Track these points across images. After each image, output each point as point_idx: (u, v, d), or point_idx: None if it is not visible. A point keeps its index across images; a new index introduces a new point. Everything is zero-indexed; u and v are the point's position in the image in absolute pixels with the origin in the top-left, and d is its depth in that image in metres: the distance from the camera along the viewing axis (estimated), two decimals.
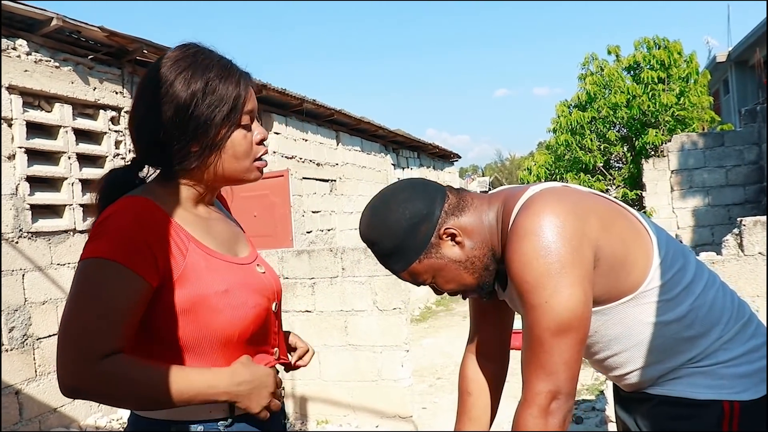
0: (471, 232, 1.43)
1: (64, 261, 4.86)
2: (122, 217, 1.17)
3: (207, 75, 1.24)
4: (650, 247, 1.40)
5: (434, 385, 6.65)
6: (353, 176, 10.28)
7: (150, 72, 1.27)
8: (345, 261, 4.85)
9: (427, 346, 8.75)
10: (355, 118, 9.82)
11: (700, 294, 1.41)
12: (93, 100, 5.19)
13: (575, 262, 1.27)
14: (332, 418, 4.89)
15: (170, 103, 1.21)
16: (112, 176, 1.30)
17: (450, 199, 1.44)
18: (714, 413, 1.38)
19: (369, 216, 1.46)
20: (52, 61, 4.85)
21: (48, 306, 4.70)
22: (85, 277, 1.15)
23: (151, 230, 1.18)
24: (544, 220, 1.29)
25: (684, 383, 1.41)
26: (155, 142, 1.24)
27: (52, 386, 4.66)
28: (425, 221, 1.40)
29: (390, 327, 4.76)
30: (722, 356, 1.40)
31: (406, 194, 1.43)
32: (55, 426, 4.68)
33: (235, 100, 1.25)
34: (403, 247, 1.41)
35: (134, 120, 1.28)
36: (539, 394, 1.28)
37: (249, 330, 1.28)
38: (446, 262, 1.43)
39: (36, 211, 4.71)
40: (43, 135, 4.86)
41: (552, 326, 1.26)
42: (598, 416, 4.99)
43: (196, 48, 1.29)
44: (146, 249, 1.16)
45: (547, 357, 1.28)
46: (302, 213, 8.52)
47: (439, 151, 14.70)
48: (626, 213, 1.44)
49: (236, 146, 1.27)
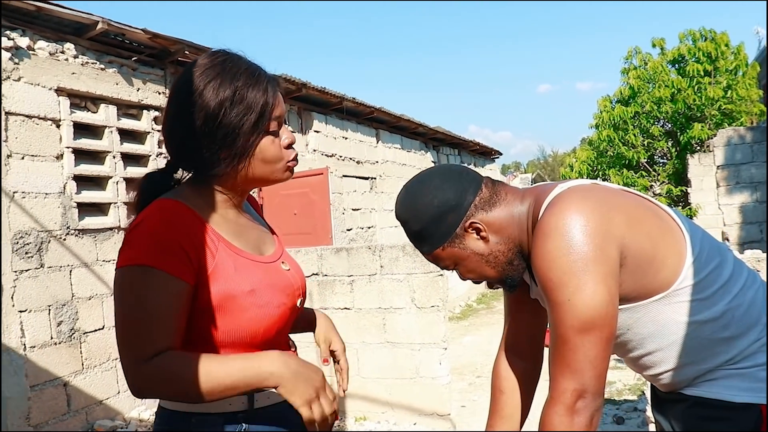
0: (498, 228, 1.44)
1: (109, 258, 5.00)
2: (153, 221, 1.21)
3: (235, 83, 1.26)
4: (683, 244, 1.38)
5: (474, 383, 6.63)
6: (393, 174, 10.30)
7: (180, 80, 1.30)
8: (383, 259, 4.87)
9: (468, 344, 8.72)
10: (394, 115, 9.84)
11: (737, 293, 1.38)
12: (137, 101, 5.31)
13: (599, 260, 1.27)
14: (370, 414, 4.92)
15: (200, 111, 1.24)
16: (149, 179, 1.35)
17: (483, 192, 1.45)
18: (751, 417, 1.35)
19: (403, 195, 1.49)
20: (98, 64, 4.98)
21: (94, 301, 4.83)
22: (125, 286, 1.20)
23: (182, 231, 1.22)
24: (568, 218, 1.29)
25: (720, 385, 1.38)
26: (185, 149, 1.28)
27: (98, 379, 4.80)
28: (453, 211, 1.42)
29: (428, 325, 4.77)
30: (761, 359, 1.37)
31: (440, 181, 1.45)
32: (101, 417, 4.82)
33: (263, 108, 1.28)
34: (429, 232, 1.44)
35: (166, 126, 1.31)
36: (565, 392, 1.28)
37: (274, 328, 1.32)
38: (469, 253, 1.45)
39: (82, 209, 4.85)
40: (89, 135, 4.99)
41: (576, 324, 1.26)
42: (639, 417, 4.91)
43: (225, 55, 1.31)
44: (179, 250, 1.20)
45: (572, 355, 1.27)
46: (342, 211, 8.58)
47: (479, 147, 14.63)
48: (657, 210, 1.42)
49: (265, 152, 1.30)
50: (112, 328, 4.97)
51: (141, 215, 1.24)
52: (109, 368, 4.90)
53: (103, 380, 4.85)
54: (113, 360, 4.94)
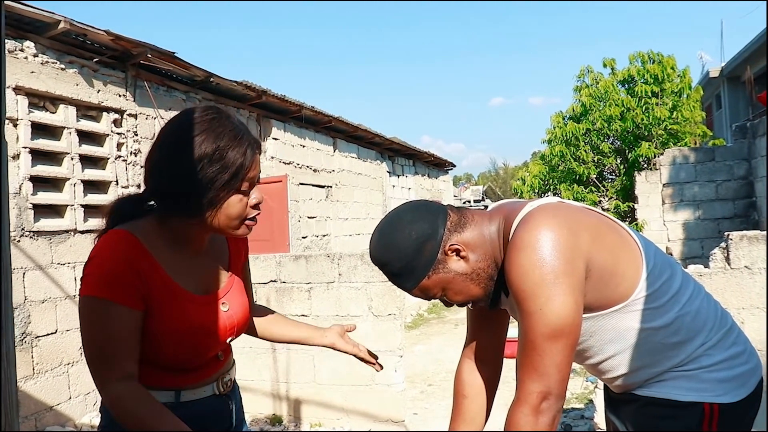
0: (474, 246, 1.53)
1: (64, 260, 4.92)
2: (105, 254, 1.39)
3: (218, 142, 1.38)
4: (639, 259, 1.50)
5: (425, 391, 6.71)
6: (349, 183, 10.36)
7: (171, 126, 1.44)
8: (342, 267, 4.93)
9: (419, 352, 8.81)
10: (352, 125, 9.91)
11: (686, 303, 1.52)
12: (97, 103, 5.26)
13: (568, 273, 1.37)
14: (326, 421, 4.96)
15: (182, 160, 1.37)
16: (119, 206, 1.51)
17: (452, 217, 1.54)
18: (695, 414, 1.50)
19: (378, 239, 1.55)
20: (58, 63, 4.92)
21: (47, 304, 4.76)
22: (87, 315, 1.38)
23: (128, 263, 1.38)
24: (540, 234, 1.39)
25: (669, 386, 1.52)
26: (162, 188, 1.42)
27: (49, 384, 4.72)
28: (430, 239, 1.50)
29: (384, 332, 4.84)
30: (705, 361, 1.51)
31: (411, 216, 1.53)
32: (52, 423, 4.73)
33: (239, 168, 1.40)
34: (412, 265, 1.50)
35: (149, 163, 1.44)
36: (531, 393, 1.37)
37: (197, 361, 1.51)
38: (453, 275, 1.53)
39: (38, 211, 4.77)
40: (47, 135, 4.92)
41: (546, 331, 1.36)
42: (587, 424, 5.07)
43: (216, 113, 1.44)
44: (129, 281, 1.38)
45: (540, 360, 1.37)
46: (298, 218, 8.60)
47: (434, 159, 14.81)
48: (616, 227, 1.55)
49: (230, 208, 1.42)
50: (65, 332, 4.90)
51: (97, 246, 1.42)
52: (60, 373, 4.82)
53: (54, 385, 4.77)
54: (65, 365, 4.86)
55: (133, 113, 5.65)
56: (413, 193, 13.70)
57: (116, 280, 1.36)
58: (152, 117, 5.89)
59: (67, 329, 4.90)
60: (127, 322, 1.38)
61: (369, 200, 11.23)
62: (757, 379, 1.56)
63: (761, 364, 1.62)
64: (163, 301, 1.42)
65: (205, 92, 6.67)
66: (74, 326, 4.96)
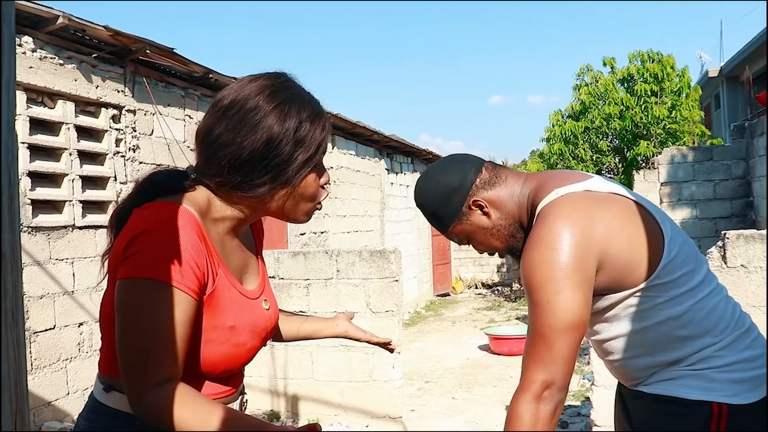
0: (498, 205, 1.64)
1: (62, 256, 4.93)
2: (161, 228, 1.17)
3: (301, 115, 1.26)
4: (660, 247, 1.52)
5: (423, 388, 6.74)
6: (347, 180, 10.36)
7: (241, 93, 1.27)
8: (340, 263, 4.94)
9: (417, 350, 8.83)
10: (350, 122, 9.91)
11: (702, 299, 1.52)
12: (95, 98, 5.25)
13: (577, 269, 1.42)
14: (323, 417, 4.97)
15: (262, 132, 1.23)
16: (153, 181, 1.30)
17: (483, 174, 1.65)
18: (703, 413, 1.49)
19: (417, 185, 1.72)
20: (56, 59, 4.92)
21: (45, 300, 4.76)
22: (130, 299, 1.16)
23: (192, 245, 1.18)
24: (554, 232, 1.45)
25: (677, 384, 1.52)
26: (231, 163, 1.24)
27: (47, 380, 4.72)
28: (457, 193, 1.63)
29: (382, 329, 4.85)
30: (715, 362, 1.50)
31: (445, 168, 1.68)
32: (50, 419, 4.74)
33: (320, 144, 1.29)
34: (440, 214, 1.66)
35: (211, 136, 1.26)
36: (534, 382, 1.40)
37: (234, 366, 1.32)
38: (475, 228, 1.66)
39: (36, 206, 4.77)
40: (45, 131, 4.92)
41: (552, 323, 1.40)
42: (583, 421, 5.09)
43: (291, 82, 1.32)
44: (188, 262, 1.17)
45: (547, 351, 1.40)
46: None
47: (432, 157, 14.81)
48: (643, 212, 1.56)
49: (308, 187, 1.30)
50: (64, 327, 4.90)
51: (144, 220, 1.19)
52: (59, 369, 4.82)
53: (52, 381, 4.77)
54: (63, 361, 4.87)
55: (131, 109, 5.65)
56: (411, 191, 13.70)
57: (174, 259, 1.15)
58: (151, 113, 5.89)
59: (65, 325, 4.90)
60: (183, 312, 1.15)
61: (367, 198, 11.23)
62: None
63: None
64: (220, 291, 1.24)
65: (203, 88, 6.66)
66: (72, 322, 4.97)
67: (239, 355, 1.29)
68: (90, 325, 5.13)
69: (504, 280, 16.82)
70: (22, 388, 0.70)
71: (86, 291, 5.13)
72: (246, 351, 1.31)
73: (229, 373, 1.31)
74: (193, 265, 1.17)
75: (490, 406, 5.75)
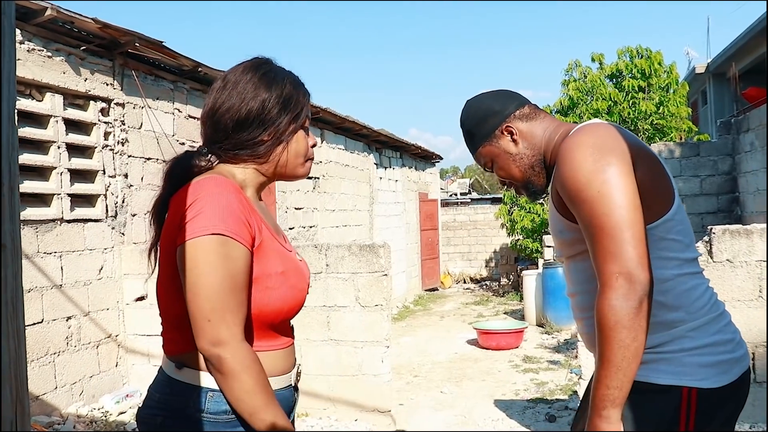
0: (527, 137, 1.76)
1: (50, 250, 4.91)
2: (214, 192, 1.34)
3: (284, 82, 1.51)
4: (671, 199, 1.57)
5: (411, 382, 6.77)
6: (336, 174, 10.37)
7: (231, 74, 1.51)
8: (329, 258, 4.95)
9: (405, 344, 8.87)
10: (339, 116, 9.91)
11: (688, 274, 1.55)
12: (84, 91, 5.23)
13: (621, 160, 1.47)
14: (312, 411, 4.99)
15: (255, 95, 1.47)
16: (180, 162, 1.50)
17: (524, 109, 1.78)
18: (673, 399, 1.50)
19: (465, 105, 1.87)
20: (44, 51, 4.88)
21: (33, 294, 4.74)
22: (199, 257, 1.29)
23: (243, 205, 1.37)
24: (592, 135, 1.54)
25: (648, 368, 1.52)
26: (235, 129, 1.46)
27: (35, 374, 4.71)
28: (495, 116, 1.78)
29: (371, 323, 4.87)
30: (687, 344, 1.52)
31: (491, 94, 1.84)
32: (37, 413, 4.73)
33: (303, 106, 1.54)
34: (474, 131, 1.81)
35: (214, 108, 1.49)
36: (610, 276, 1.39)
37: (294, 309, 1.48)
38: (501, 152, 1.78)
39: (24, 200, 4.75)
40: (34, 124, 4.89)
41: (608, 211, 1.42)
42: (570, 415, 5.13)
43: (272, 61, 1.56)
44: (245, 222, 1.35)
45: (610, 241, 1.40)
46: (285, 209, 8.60)
47: (421, 151, 14.83)
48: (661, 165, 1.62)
49: (298, 143, 1.53)
50: (52, 321, 4.89)
51: (194, 191, 1.35)
52: (47, 363, 4.81)
53: (40, 375, 4.76)
54: (51, 354, 4.85)
55: (120, 102, 5.62)
56: (400, 185, 13.73)
57: (232, 217, 1.32)
58: (140, 106, 5.86)
59: (53, 318, 4.88)
60: (245, 263, 1.33)
61: (356, 192, 11.24)
62: (741, 370, 1.56)
63: (748, 356, 1.62)
64: (266, 243, 1.41)
65: (193, 81, 6.64)
66: (60, 316, 4.95)
67: (294, 296, 1.45)
68: (78, 318, 5.11)
69: (492, 275, 16.90)
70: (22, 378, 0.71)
71: (74, 285, 5.11)
72: (299, 292, 1.47)
73: (288, 318, 1.48)
74: (244, 220, 1.35)
75: (479, 399, 5.78)
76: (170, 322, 1.41)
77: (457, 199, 19.58)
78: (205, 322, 1.27)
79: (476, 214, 17.56)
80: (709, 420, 1.52)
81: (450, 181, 26.60)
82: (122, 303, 5.57)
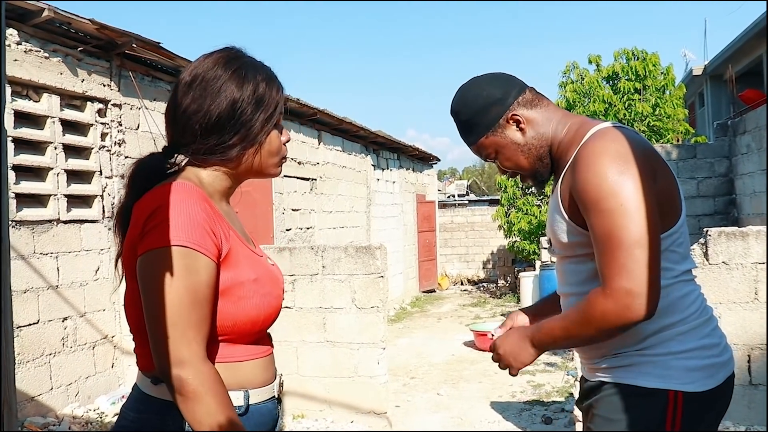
0: (534, 125, 1.66)
1: (46, 250, 4.90)
2: (178, 200, 1.25)
3: (257, 79, 1.39)
4: (678, 210, 1.56)
5: (408, 384, 6.76)
6: (333, 176, 10.36)
7: (198, 67, 1.38)
8: (325, 259, 4.95)
9: (402, 346, 8.86)
10: (337, 118, 9.90)
11: (683, 282, 1.56)
12: (81, 92, 5.22)
13: (645, 173, 1.44)
14: (308, 412, 4.98)
15: (225, 96, 1.34)
16: (141, 165, 1.39)
17: (526, 94, 1.68)
18: (659, 402, 1.50)
19: (458, 91, 1.73)
20: (42, 52, 4.88)
21: (29, 294, 4.73)
22: (157, 270, 1.20)
23: (206, 213, 1.27)
24: (619, 143, 1.48)
25: (634, 371, 1.53)
26: (202, 131, 1.35)
27: (30, 374, 4.70)
28: (498, 104, 1.66)
29: (367, 325, 4.87)
30: (675, 347, 1.52)
31: (489, 79, 1.71)
32: (32, 414, 4.72)
33: (276, 104, 1.41)
34: (476, 121, 1.68)
35: (180, 109, 1.36)
36: (620, 289, 1.39)
37: (270, 318, 1.39)
38: (508, 142, 1.67)
39: (20, 200, 4.74)
40: (30, 125, 4.89)
41: (630, 226, 1.40)
42: (566, 417, 5.14)
43: (242, 53, 1.43)
44: (208, 231, 1.25)
45: (626, 257, 1.39)
46: (282, 211, 8.59)
47: (419, 153, 14.83)
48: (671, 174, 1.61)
49: (272, 143, 1.42)
50: (48, 322, 4.88)
51: (156, 198, 1.26)
52: (42, 364, 4.80)
53: (35, 376, 4.75)
54: (47, 356, 4.85)
55: (117, 103, 5.62)
56: (398, 187, 13.73)
57: (196, 227, 1.22)
58: (137, 107, 5.86)
59: (49, 319, 4.88)
60: (210, 278, 1.23)
61: (353, 193, 11.23)
62: (726, 374, 1.57)
63: (734, 361, 1.63)
64: (235, 250, 1.31)
65: None
66: (56, 317, 4.95)
67: (269, 304, 1.36)
68: (74, 319, 5.11)
69: (489, 277, 16.90)
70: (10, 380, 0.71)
71: (71, 285, 5.11)
72: (274, 299, 1.38)
73: (265, 327, 1.39)
74: (208, 230, 1.25)
75: (475, 402, 5.78)
76: (142, 336, 1.30)
77: (454, 200, 19.57)
78: (164, 340, 1.18)
79: (473, 215, 17.56)
80: (695, 423, 1.52)
81: (448, 183, 26.59)
82: (118, 304, 5.56)
